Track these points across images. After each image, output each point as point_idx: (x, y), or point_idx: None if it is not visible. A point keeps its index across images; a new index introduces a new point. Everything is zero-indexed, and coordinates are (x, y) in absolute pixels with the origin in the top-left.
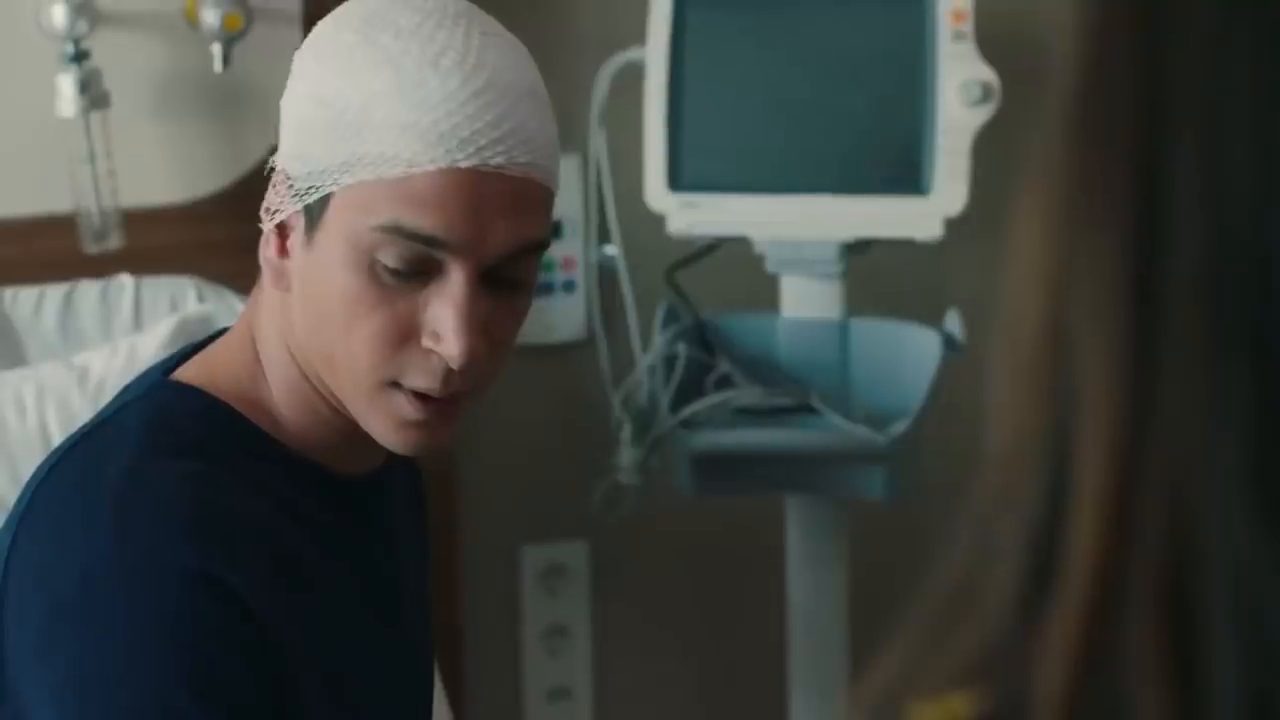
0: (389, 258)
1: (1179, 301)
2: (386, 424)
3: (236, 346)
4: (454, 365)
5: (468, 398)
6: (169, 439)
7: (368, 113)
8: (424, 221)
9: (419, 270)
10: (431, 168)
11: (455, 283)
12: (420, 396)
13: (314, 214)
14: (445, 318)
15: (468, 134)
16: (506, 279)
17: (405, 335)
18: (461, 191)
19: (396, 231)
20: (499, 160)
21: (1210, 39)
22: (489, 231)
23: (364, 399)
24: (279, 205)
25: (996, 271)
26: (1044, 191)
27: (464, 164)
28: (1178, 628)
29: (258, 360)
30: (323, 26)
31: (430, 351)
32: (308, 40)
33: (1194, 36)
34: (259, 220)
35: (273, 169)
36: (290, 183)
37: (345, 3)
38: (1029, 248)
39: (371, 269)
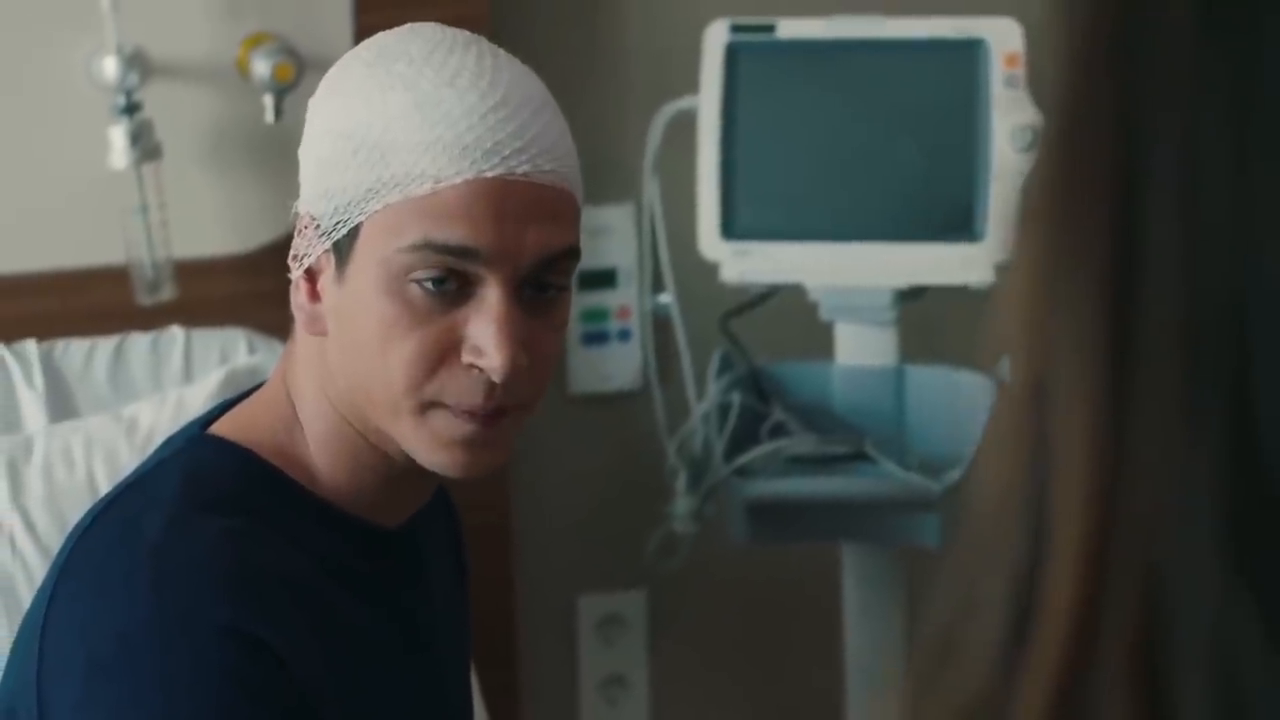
0: (422, 275)
1: (1154, 354)
2: (432, 445)
3: (272, 400)
4: (496, 378)
5: (514, 415)
6: (206, 494)
7: (389, 135)
8: (454, 234)
9: (454, 287)
10: (458, 180)
11: (491, 295)
12: (465, 413)
13: (343, 249)
14: (484, 331)
15: (491, 144)
16: (542, 291)
17: (444, 354)
18: (489, 201)
19: (428, 248)
20: (524, 168)
21: (1189, 78)
22: (520, 240)
23: (407, 424)
24: (306, 249)
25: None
26: (1028, 244)
27: (490, 174)
28: (1150, 677)
29: (294, 413)
30: (334, 69)
31: (471, 368)
32: (320, 86)
33: (1168, 87)
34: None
35: (296, 215)
36: (316, 223)
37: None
38: (1015, 298)
39: (405, 292)
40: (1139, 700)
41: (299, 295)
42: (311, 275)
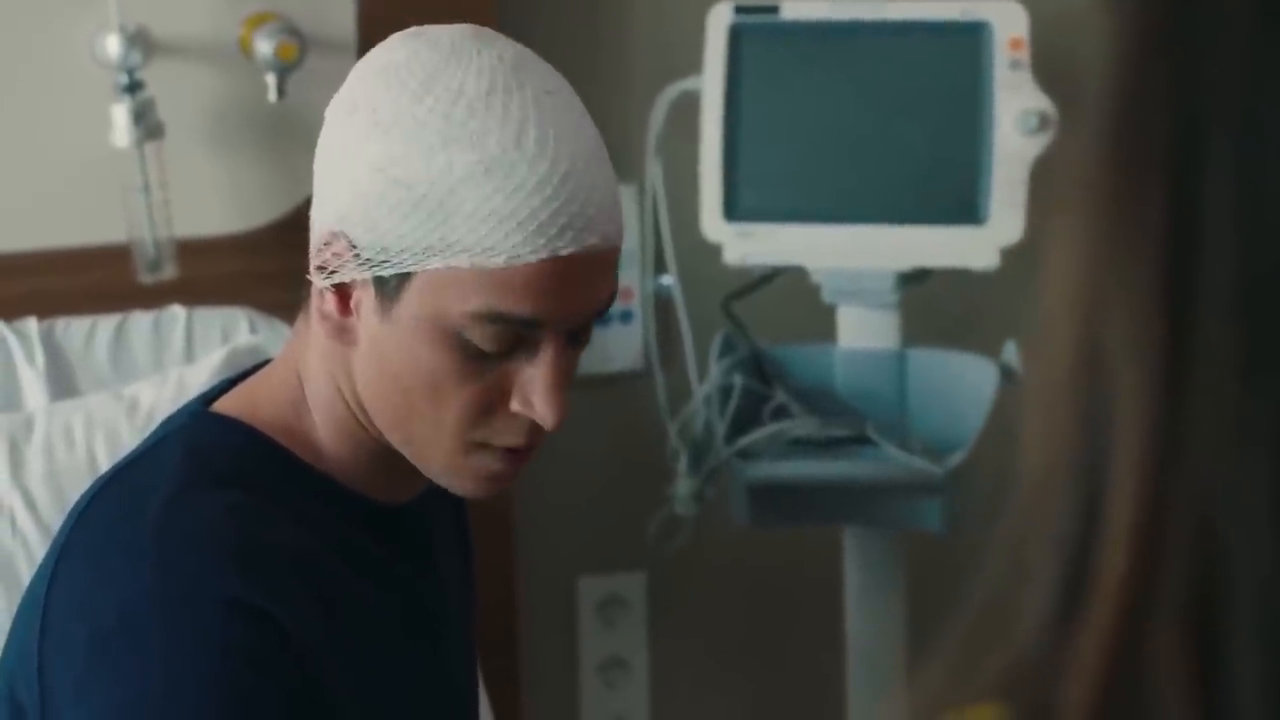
0: (483, 340)
1: (1212, 326)
2: (470, 480)
3: (279, 379)
4: (548, 427)
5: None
6: (209, 470)
7: (456, 199)
8: (525, 308)
9: (512, 347)
10: (534, 259)
11: (548, 353)
12: (507, 451)
13: (389, 288)
14: (539, 386)
15: (565, 220)
16: (581, 332)
17: (495, 403)
18: (560, 277)
19: (495, 319)
20: (594, 241)
21: (1245, 62)
22: (581, 304)
23: (445, 461)
24: (338, 267)
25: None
26: (1079, 215)
27: (564, 252)
28: (1204, 648)
29: (302, 393)
30: (369, 88)
31: (518, 414)
32: (357, 92)
33: (1229, 59)
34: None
35: (309, 216)
36: (355, 250)
37: (389, 44)
38: (1063, 271)
39: (462, 345)
40: (1193, 672)
41: (327, 305)
42: (342, 291)
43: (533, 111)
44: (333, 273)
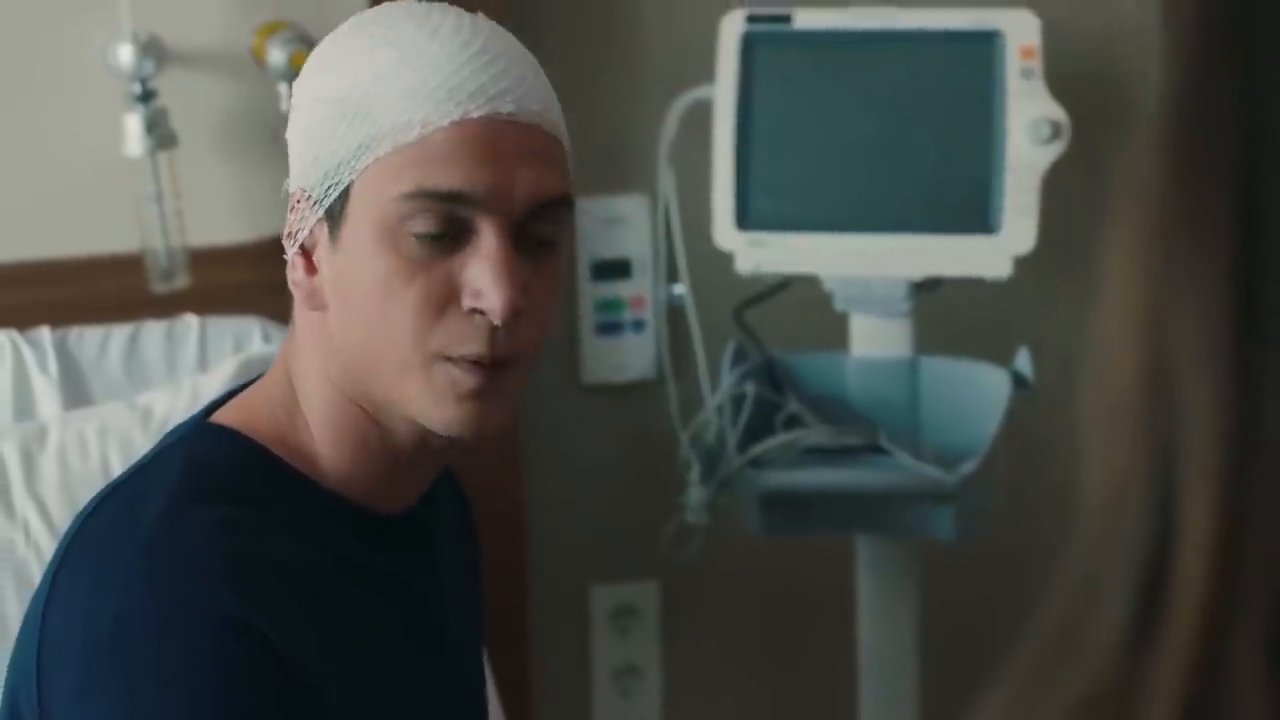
0: (418, 225)
1: None
2: (440, 401)
3: (273, 387)
4: (497, 319)
5: (517, 368)
6: (205, 482)
7: (376, 89)
8: (446, 178)
9: (450, 234)
10: (445, 123)
11: (487, 239)
12: (470, 364)
13: (335, 214)
14: (483, 273)
15: (475, 86)
16: (536, 239)
17: (445, 301)
18: (479, 143)
19: (421, 195)
20: (510, 108)
21: None
22: (511, 182)
23: (414, 381)
24: (299, 225)
25: (1066, 310)
26: (1138, 226)
27: (476, 114)
28: None
29: (295, 399)
30: (316, 50)
31: (473, 313)
32: (304, 68)
33: None
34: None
35: (287, 195)
36: (307, 194)
37: None
38: (1122, 285)
39: (402, 244)
40: (1276, 690)
41: (295, 272)
42: (306, 252)
43: (453, 18)
44: (298, 233)
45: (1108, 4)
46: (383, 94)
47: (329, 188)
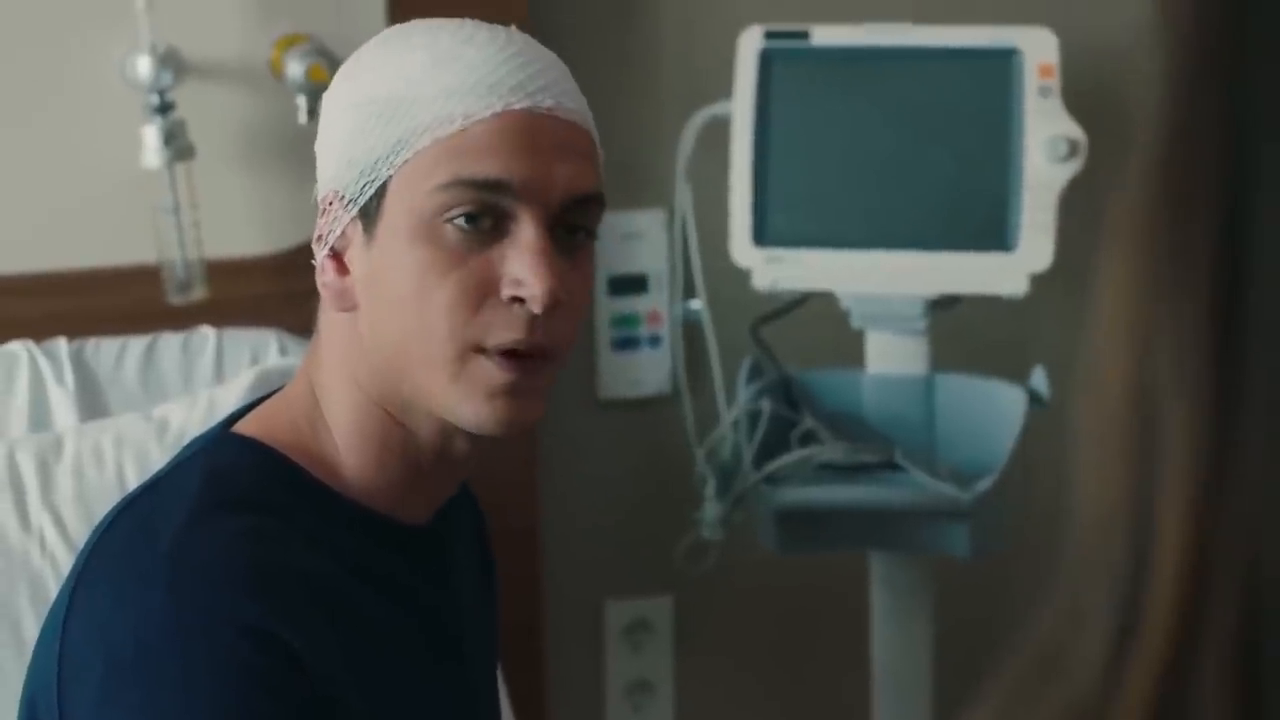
0: (455, 214)
1: (1261, 366)
2: (475, 396)
3: (295, 397)
4: (537, 307)
5: (549, 365)
6: (226, 493)
7: (413, 90)
8: (485, 168)
9: (488, 224)
10: (487, 114)
11: (526, 228)
12: (507, 356)
13: (370, 212)
14: (523, 262)
15: (515, 82)
16: (571, 235)
17: (484, 293)
18: (519, 134)
19: (460, 185)
20: (549, 103)
21: None
22: (550, 174)
23: (448, 374)
24: (330, 228)
25: (1083, 328)
26: (1127, 256)
27: (518, 106)
28: (1252, 684)
29: (318, 409)
30: (347, 62)
31: (512, 302)
32: (334, 81)
33: (1276, 97)
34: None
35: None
36: (341, 195)
37: None
38: (1112, 311)
39: (439, 234)
40: (1240, 706)
41: (325, 274)
42: (336, 255)
43: (485, 28)
44: (329, 235)
45: (1126, 23)
46: (421, 93)
47: (364, 185)
